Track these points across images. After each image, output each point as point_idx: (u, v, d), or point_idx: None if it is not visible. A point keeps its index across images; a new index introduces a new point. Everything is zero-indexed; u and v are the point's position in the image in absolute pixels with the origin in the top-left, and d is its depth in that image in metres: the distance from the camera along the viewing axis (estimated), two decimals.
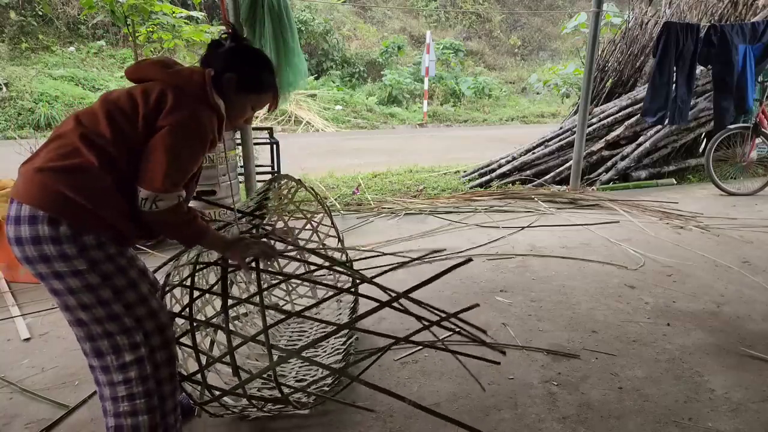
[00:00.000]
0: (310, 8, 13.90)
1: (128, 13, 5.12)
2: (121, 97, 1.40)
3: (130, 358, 1.37)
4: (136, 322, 1.37)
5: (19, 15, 11.65)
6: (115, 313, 1.34)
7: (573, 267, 3.41)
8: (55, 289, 1.31)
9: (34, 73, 10.54)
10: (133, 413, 1.39)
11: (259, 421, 1.92)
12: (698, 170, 6.13)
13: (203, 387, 1.62)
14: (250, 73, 1.56)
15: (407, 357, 2.33)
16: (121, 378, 1.38)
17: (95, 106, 1.39)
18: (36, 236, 1.26)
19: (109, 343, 1.37)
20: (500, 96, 14.92)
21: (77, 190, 1.27)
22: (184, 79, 1.43)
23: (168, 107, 1.35)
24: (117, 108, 1.36)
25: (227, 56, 1.53)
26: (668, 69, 4.95)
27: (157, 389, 1.43)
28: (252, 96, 1.58)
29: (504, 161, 5.90)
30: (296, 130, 10.84)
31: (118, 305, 1.35)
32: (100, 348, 1.37)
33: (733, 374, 2.21)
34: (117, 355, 1.37)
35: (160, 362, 1.43)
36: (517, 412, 1.96)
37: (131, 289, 1.37)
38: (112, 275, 1.34)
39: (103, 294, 1.32)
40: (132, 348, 1.37)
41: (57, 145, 1.31)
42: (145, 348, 1.39)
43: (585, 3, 16.51)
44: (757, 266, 3.40)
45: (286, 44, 3.97)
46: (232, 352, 1.55)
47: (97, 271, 1.31)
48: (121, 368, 1.38)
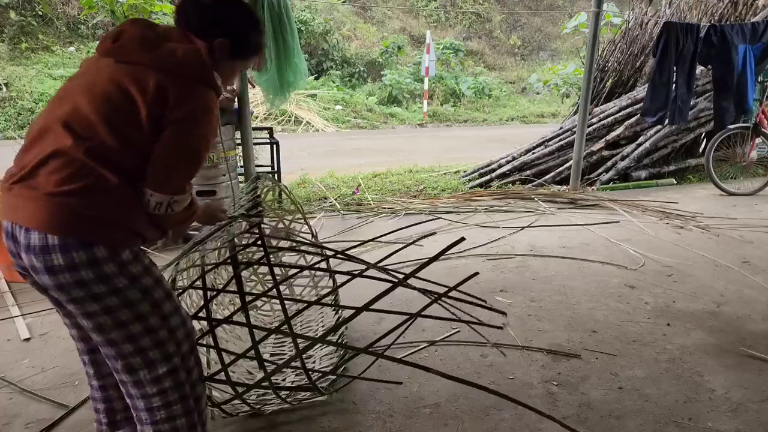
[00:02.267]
0: (310, 8, 13.90)
1: (128, 13, 5.12)
2: (110, 91, 1.24)
3: (163, 370, 1.32)
4: (170, 333, 1.32)
5: (19, 15, 11.65)
6: (151, 326, 1.29)
7: (573, 267, 3.41)
8: (89, 312, 1.24)
9: (34, 73, 10.54)
10: (171, 419, 1.36)
11: (263, 420, 1.92)
12: (698, 170, 6.13)
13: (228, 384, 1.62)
14: (242, 36, 1.42)
15: (407, 357, 2.33)
16: (156, 390, 1.33)
17: (82, 107, 1.23)
18: (72, 264, 1.18)
19: (141, 359, 1.30)
20: (500, 96, 14.91)
21: (102, 209, 1.21)
22: (180, 63, 1.27)
23: (173, 101, 1.24)
24: (113, 108, 1.23)
25: (213, 14, 1.37)
26: (668, 69, 4.95)
27: (192, 392, 1.40)
28: (241, 60, 1.47)
29: (504, 161, 5.90)
30: (296, 130, 10.84)
31: (156, 318, 1.30)
32: (132, 364, 1.31)
33: (733, 374, 2.21)
34: (150, 368, 1.32)
35: (192, 366, 1.40)
36: (517, 412, 1.96)
37: (167, 300, 1.33)
38: (151, 288, 1.29)
39: (142, 308, 1.27)
40: (165, 359, 1.32)
41: (61, 165, 1.19)
42: (177, 357, 1.35)
43: (585, 3, 16.51)
44: (757, 266, 3.40)
45: (286, 44, 3.97)
46: (257, 346, 1.56)
47: (138, 285, 1.27)
48: (155, 381, 1.33)
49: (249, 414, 1.90)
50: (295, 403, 1.94)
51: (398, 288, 1.57)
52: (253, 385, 1.62)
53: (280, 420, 1.92)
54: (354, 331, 2.54)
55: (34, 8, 11.95)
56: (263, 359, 1.59)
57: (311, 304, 1.72)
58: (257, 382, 1.61)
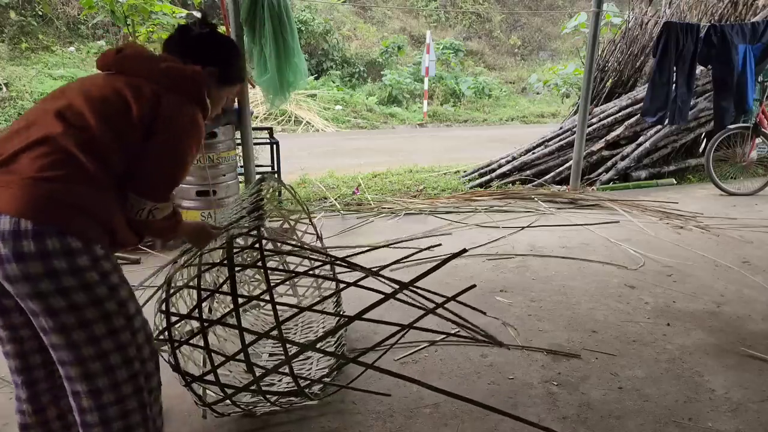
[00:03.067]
0: (310, 8, 13.90)
1: (128, 13, 5.12)
2: (107, 93, 1.28)
3: (123, 376, 1.27)
4: (132, 335, 1.29)
5: (19, 15, 11.65)
6: (115, 327, 1.25)
7: (573, 267, 3.41)
8: (54, 308, 1.17)
9: (34, 73, 10.53)
10: (128, 429, 1.31)
11: (259, 421, 1.92)
12: (698, 170, 6.13)
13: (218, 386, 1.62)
14: (230, 64, 1.54)
15: (407, 357, 2.33)
16: (114, 398, 1.27)
17: (76, 102, 1.26)
18: (44, 251, 1.13)
19: (101, 364, 1.24)
20: (500, 96, 14.90)
21: (82, 200, 1.20)
22: (177, 80, 1.35)
23: (165, 113, 1.30)
24: (107, 106, 1.26)
25: (204, 45, 1.48)
26: (668, 69, 4.94)
27: (149, 398, 1.36)
28: (229, 88, 1.58)
29: (504, 161, 5.90)
30: (296, 130, 10.83)
31: (120, 318, 1.26)
32: (91, 370, 1.24)
33: (733, 374, 2.21)
34: (110, 374, 1.25)
35: (151, 371, 1.36)
36: (517, 412, 1.96)
37: (131, 300, 1.31)
38: (118, 287, 1.27)
39: (109, 307, 1.23)
40: (126, 364, 1.27)
41: (47, 151, 1.17)
42: (138, 362, 1.31)
43: (585, 3, 16.51)
44: (757, 266, 3.40)
45: (286, 44, 3.97)
46: (246, 349, 1.55)
47: (107, 282, 1.23)
48: (114, 387, 1.27)
49: (245, 413, 1.90)
50: (287, 406, 1.94)
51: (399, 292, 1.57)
52: (240, 389, 1.62)
53: (280, 420, 1.92)
54: (354, 332, 2.54)
55: (34, 8, 11.95)
56: (252, 363, 1.59)
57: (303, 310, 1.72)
58: (246, 385, 1.61)
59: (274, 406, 1.84)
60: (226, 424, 1.90)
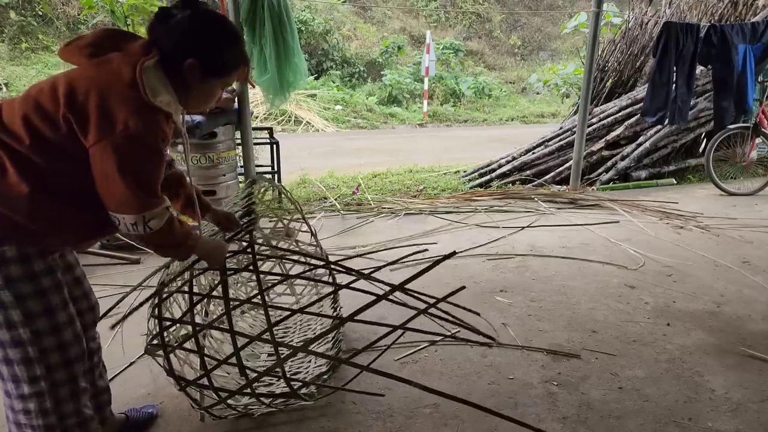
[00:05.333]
0: (310, 8, 13.90)
1: (128, 13, 5.11)
2: (44, 91, 1.21)
3: (29, 391, 1.27)
4: (40, 353, 1.25)
5: (19, 15, 11.65)
6: (19, 339, 1.22)
7: (573, 267, 3.41)
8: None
9: (34, 73, 10.53)
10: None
11: (259, 420, 1.92)
12: (698, 170, 6.13)
13: (211, 390, 1.62)
14: (215, 54, 1.29)
15: (407, 357, 2.33)
16: (21, 407, 1.28)
17: (18, 100, 1.23)
18: None
19: (8, 371, 1.25)
20: (500, 96, 14.90)
21: (9, 208, 1.17)
22: (110, 78, 1.19)
23: (95, 117, 1.15)
24: (36, 106, 1.20)
25: (182, 32, 1.26)
26: (668, 69, 4.94)
27: (59, 424, 1.32)
28: (219, 79, 1.35)
29: (504, 161, 5.90)
30: (296, 130, 10.83)
31: (26, 331, 1.22)
32: (0, 372, 1.27)
33: (733, 374, 2.21)
34: (16, 384, 1.27)
35: (63, 397, 1.32)
36: (517, 412, 1.96)
37: (45, 316, 1.26)
38: (26, 297, 1.22)
39: (11, 316, 1.21)
40: (31, 381, 1.26)
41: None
42: (46, 382, 1.27)
43: (585, 3, 16.51)
44: (757, 266, 3.40)
45: (286, 44, 3.97)
46: (239, 353, 1.55)
47: (12, 289, 1.20)
48: (21, 398, 1.28)
49: (242, 414, 1.90)
50: (282, 408, 1.93)
51: (395, 292, 1.58)
52: (234, 392, 1.62)
53: (280, 420, 1.92)
54: (353, 332, 2.54)
55: (34, 8, 11.95)
56: (244, 366, 1.59)
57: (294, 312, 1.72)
58: (239, 388, 1.61)
59: (270, 408, 1.84)
60: (226, 424, 1.90)
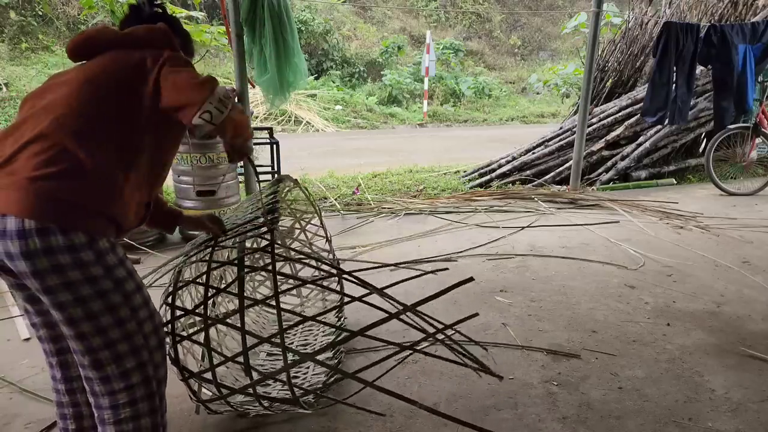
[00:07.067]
0: (310, 8, 13.90)
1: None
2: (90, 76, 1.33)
3: (131, 364, 1.33)
4: (138, 325, 1.33)
5: (19, 15, 11.65)
6: (121, 318, 1.29)
7: (573, 267, 3.41)
8: (62, 302, 1.23)
9: (34, 73, 10.53)
10: (135, 417, 1.36)
11: (258, 419, 1.92)
12: (698, 170, 6.13)
13: (214, 385, 1.62)
14: (187, 39, 1.57)
15: (407, 357, 2.33)
16: (123, 385, 1.34)
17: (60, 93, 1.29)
18: (49, 247, 1.18)
19: (110, 353, 1.31)
20: (500, 96, 14.90)
21: (81, 195, 1.22)
22: (147, 37, 1.41)
23: (150, 59, 1.33)
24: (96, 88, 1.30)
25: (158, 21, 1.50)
26: (668, 69, 4.94)
27: (158, 389, 1.41)
28: None
29: (504, 161, 5.90)
30: (296, 130, 10.83)
31: (126, 309, 1.31)
32: (100, 359, 1.31)
33: (733, 374, 2.21)
34: (118, 363, 1.32)
35: (159, 362, 1.40)
36: (517, 412, 1.96)
37: (138, 292, 1.34)
38: (124, 280, 1.31)
39: (114, 299, 1.28)
40: (134, 353, 1.33)
41: (39, 149, 1.21)
42: (146, 351, 1.35)
43: (585, 3, 16.51)
44: (757, 266, 3.40)
45: (286, 44, 3.97)
46: (246, 352, 1.55)
47: (112, 276, 1.27)
48: (123, 376, 1.33)
49: (237, 411, 1.90)
50: (278, 412, 1.92)
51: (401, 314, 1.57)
52: (236, 391, 1.61)
53: (280, 419, 1.92)
54: (357, 341, 2.53)
55: (34, 8, 11.94)
56: (251, 367, 1.58)
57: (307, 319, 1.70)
58: (242, 388, 1.60)
59: (267, 410, 1.83)
60: (226, 423, 1.90)
